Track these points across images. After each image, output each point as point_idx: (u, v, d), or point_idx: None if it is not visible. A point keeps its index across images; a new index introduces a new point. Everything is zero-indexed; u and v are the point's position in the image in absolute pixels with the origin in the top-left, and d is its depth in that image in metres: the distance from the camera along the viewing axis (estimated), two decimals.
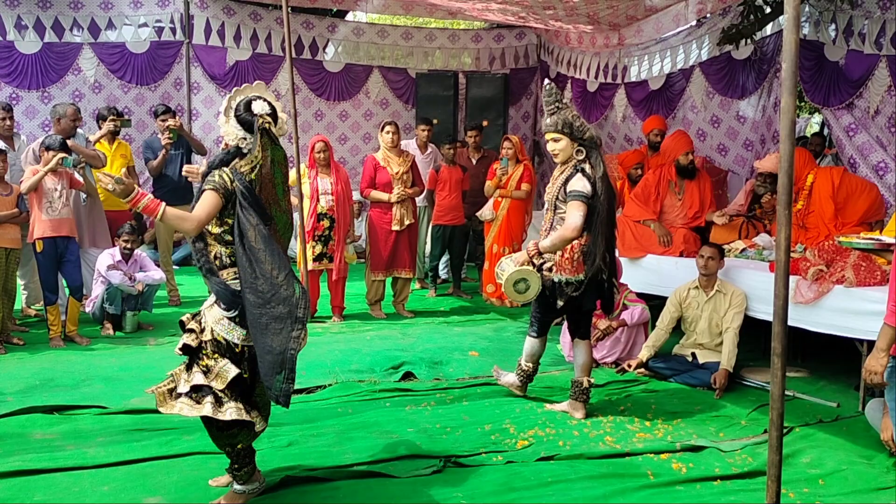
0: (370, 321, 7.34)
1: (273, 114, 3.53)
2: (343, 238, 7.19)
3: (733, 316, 5.42)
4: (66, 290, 6.45)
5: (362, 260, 8.13)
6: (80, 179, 6.56)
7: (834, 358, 5.71)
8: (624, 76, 9.99)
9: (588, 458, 4.16)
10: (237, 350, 3.38)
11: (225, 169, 3.40)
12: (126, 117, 7.82)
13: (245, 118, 3.46)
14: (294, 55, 8.57)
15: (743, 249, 6.13)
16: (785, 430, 4.07)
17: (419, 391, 5.26)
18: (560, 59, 11.18)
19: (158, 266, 7.31)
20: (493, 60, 11.87)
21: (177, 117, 6.53)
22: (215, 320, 3.38)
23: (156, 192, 7.90)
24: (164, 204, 3.34)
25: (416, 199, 8.43)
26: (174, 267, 8.34)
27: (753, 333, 5.76)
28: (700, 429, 4.63)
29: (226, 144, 3.53)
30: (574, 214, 4.47)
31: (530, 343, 5.04)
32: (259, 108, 3.47)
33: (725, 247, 5.99)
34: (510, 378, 5.18)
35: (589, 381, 4.85)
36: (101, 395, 5.03)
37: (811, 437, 4.49)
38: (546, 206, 4.81)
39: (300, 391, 5.14)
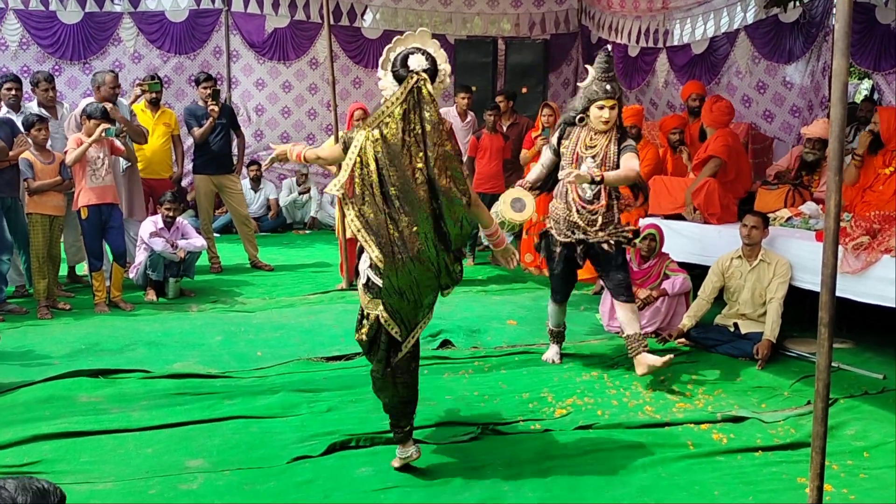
0: None
1: (432, 69, 3.34)
2: None
3: (778, 286, 5.32)
4: (111, 257, 6.55)
5: None
6: (121, 147, 6.62)
7: (880, 329, 5.59)
8: (666, 40, 9.77)
9: (627, 428, 4.14)
10: None
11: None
12: (154, 81, 7.81)
13: (401, 74, 3.30)
14: (332, 22, 8.54)
15: (788, 218, 6.00)
16: (830, 402, 4.01)
17: (457, 359, 5.26)
18: (601, 24, 10.97)
19: (200, 234, 7.38)
20: (532, 26, 11.69)
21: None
22: None
23: (196, 160, 7.97)
24: None
25: None
26: (215, 234, 8.42)
27: (797, 303, 5.65)
28: (742, 399, 4.58)
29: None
30: (635, 161, 4.71)
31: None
32: (415, 63, 3.29)
33: (770, 215, 5.87)
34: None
35: (638, 334, 4.84)
36: (145, 359, 5.13)
37: (856, 409, 4.41)
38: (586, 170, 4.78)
39: (338, 357, 5.18)
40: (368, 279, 3.46)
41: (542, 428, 4.13)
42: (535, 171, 5.20)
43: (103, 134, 6.19)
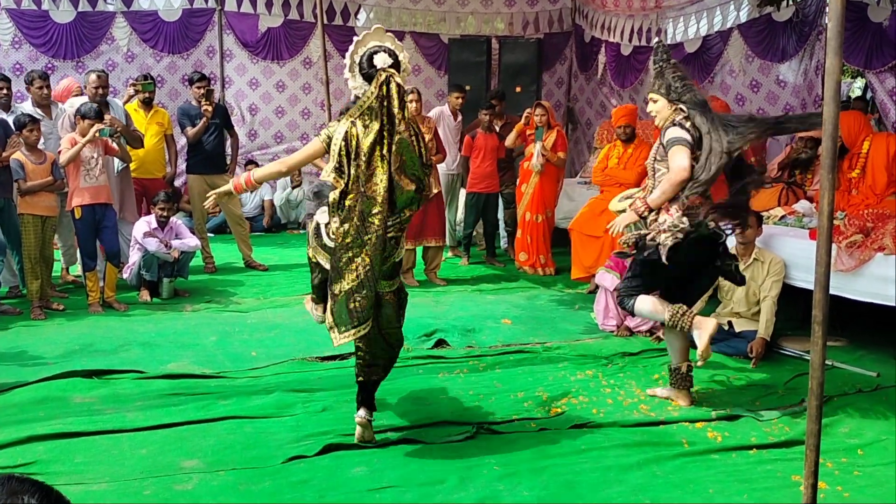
0: None
1: (396, 63, 3.62)
2: None
3: (771, 284, 5.33)
4: (104, 257, 6.53)
5: None
6: (115, 147, 6.60)
7: (874, 327, 5.61)
8: (659, 39, 9.78)
9: (622, 427, 4.15)
10: None
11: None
12: (148, 81, 7.81)
13: (370, 73, 3.59)
14: (326, 21, 8.51)
15: (782, 216, 6.01)
16: (823, 400, 4.01)
17: (452, 359, 5.26)
18: (594, 23, 10.98)
19: (194, 234, 7.37)
20: (526, 25, 11.69)
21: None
22: None
23: (190, 160, 7.95)
24: None
25: (449, 166, 8.41)
26: (209, 234, 8.40)
27: (791, 302, 5.66)
28: (736, 397, 4.59)
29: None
30: (680, 157, 4.10)
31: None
32: (381, 61, 3.58)
33: (764, 214, 5.88)
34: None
35: (688, 366, 4.47)
36: (139, 359, 5.12)
37: (850, 407, 4.43)
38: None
39: (333, 357, 5.18)
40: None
41: (537, 427, 4.14)
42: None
43: (97, 134, 6.18)
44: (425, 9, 11.46)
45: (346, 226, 3.63)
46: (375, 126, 3.56)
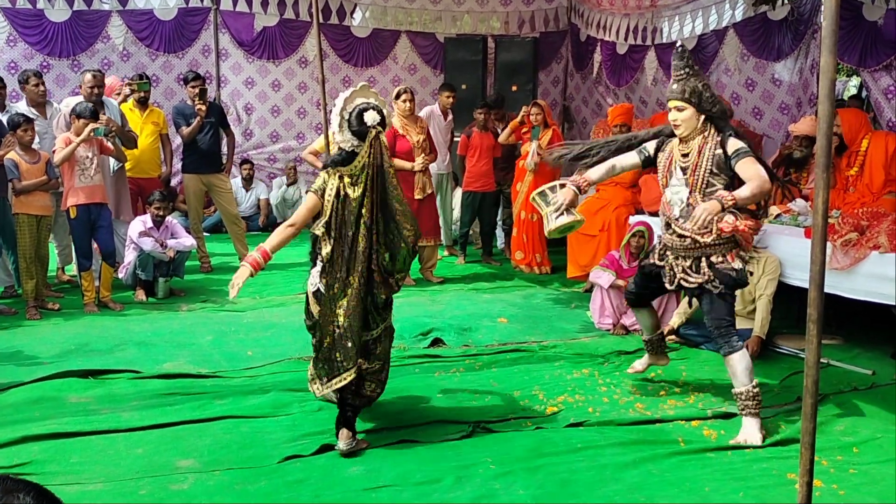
0: None
1: (382, 121, 3.83)
2: None
3: (767, 283, 5.34)
4: (100, 257, 6.52)
5: None
6: (111, 146, 6.59)
7: (869, 325, 5.62)
8: (654, 38, 9.79)
9: (618, 425, 4.15)
10: None
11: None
12: (143, 80, 7.80)
13: (361, 130, 3.80)
14: (321, 20, 8.50)
15: (777, 215, 6.01)
16: (819, 398, 4.02)
17: (448, 357, 5.27)
18: (590, 22, 10.98)
19: (190, 233, 7.36)
20: (522, 24, 11.69)
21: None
22: None
23: (185, 159, 7.94)
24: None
25: (440, 166, 8.43)
26: (205, 234, 8.39)
27: (787, 300, 5.68)
28: (731, 396, 4.58)
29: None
30: (759, 166, 3.93)
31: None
32: (371, 119, 3.78)
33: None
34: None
35: (660, 334, 4.79)
36: (135, 359, 5.11)
37: (845, 405, 4.44)
38: (676, 183, 4.21)
39: None
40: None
41: (533, 426, 4.14)
42: (601, 168, 4.51)
43: (92, 133, 6.17)
44: (421, 8, 11.45)
45: (329, 279, 3.81)
46: (362, 184, 3.77)
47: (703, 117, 4.07)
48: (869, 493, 3.45)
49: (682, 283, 4.18)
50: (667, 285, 4.27)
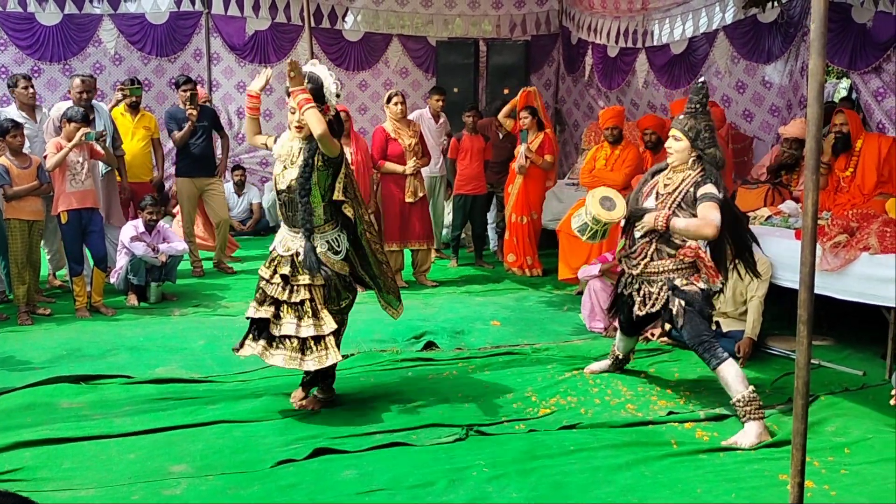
0: None
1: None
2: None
3: (758, 284, 5.36)
4: (91, 261, 6.50)
5: None
6: (101, 150, 6.57)
7: (860, 326, 5.64)
8: (645, 40, 9.82)
9: (611, 427, 4.16)
10: None
11: None
12: (136, 85, 7.79)
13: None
14: (313, 24, 8.52)
15: (768, 217, 6.04)
16: (810, 399, 4.04)
17: (441, 361, 5.27)
18: (581, 25, 11.01)
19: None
20: (513, 27, 11.71)
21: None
22: None
23: (179, 163, 7.92)
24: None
25: (433, 170, 8.44)
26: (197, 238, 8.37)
27: (778, 302, 5.70)
28: (724, 397, 4.57)
29: None
30: (715, 213, 4.06)
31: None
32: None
33: (750, 214, 5.91)
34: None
35: (626, 359, 5.01)
36: (127, 364, 5.10)
37: (836, 406, 4.45)
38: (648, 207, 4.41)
39: None
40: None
41: (526, 428, 4.15)
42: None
43: (83, 138, 6.15)
44: (412, 11, 11.46)
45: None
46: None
47: (695, 154, 4.24)
48: (860, 494, 3.46)
49: (652, 308, 4.34)
50: (636, 311, 4.41)
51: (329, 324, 4.08)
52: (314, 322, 4.08)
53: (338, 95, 4.23)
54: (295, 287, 4.13)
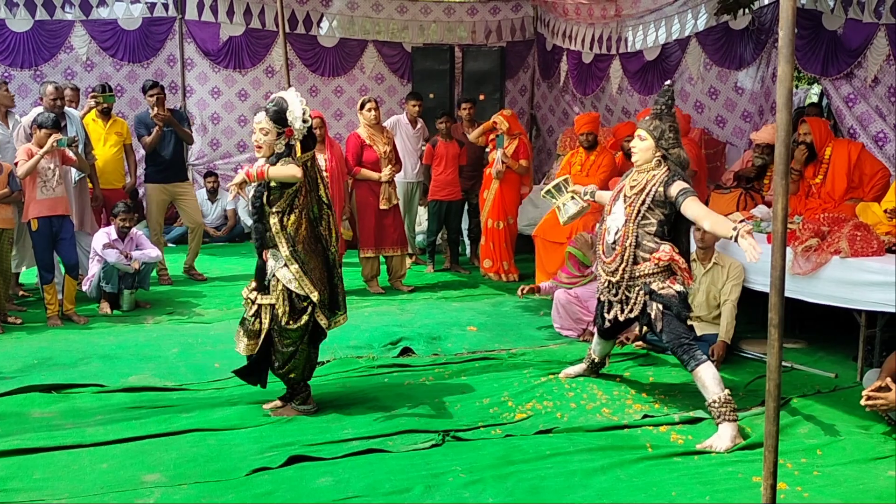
0: (368, 297, 7.32)
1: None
2: (339, 215, 7.16)
3: (731, 288, 5.41)
4: (63, 269, 6.42)
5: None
6: (73, 157, 6.50)
7: (832, 329, 5.71)
8: (619, 47, 9.89)
9: (586, 431, 4.18)
10: None
11: None
12: (108, 93, 7.71)
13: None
14: (288, 30, 8.50)
15: (741, 221, 6.10)
16: (783, 401, 4.08)
17: (418, 366, 5.26)
18: (556, 31, 11.07)
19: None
20: (489, 34, 11.75)
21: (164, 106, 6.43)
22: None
23: (149, 168, 7.84)
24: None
25: (410, 175, 8.44)
26: (171, 245, 8.29)
27: (751, 305, 5.75)
28: (698, 401, 4.61)
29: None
30: (702, 205, 4.20)
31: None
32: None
33: None
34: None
35: (602, 364, 5.02)
36: (100, 373, 5.04)
37: (809, 408, 4.50)
38: (617, 211, 4.46)
39: None
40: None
41: (502, 433, 4.15)
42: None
43: (55, 144, 6.08)
44: (388, 17, 11.46)
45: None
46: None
47: (659, 154, 4.32)
48: (832, 495, 3.50)
49: (630, 313, 4.39)
50: (616, 315, 4.46)
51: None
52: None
53: (304, 121, 4.21)
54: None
